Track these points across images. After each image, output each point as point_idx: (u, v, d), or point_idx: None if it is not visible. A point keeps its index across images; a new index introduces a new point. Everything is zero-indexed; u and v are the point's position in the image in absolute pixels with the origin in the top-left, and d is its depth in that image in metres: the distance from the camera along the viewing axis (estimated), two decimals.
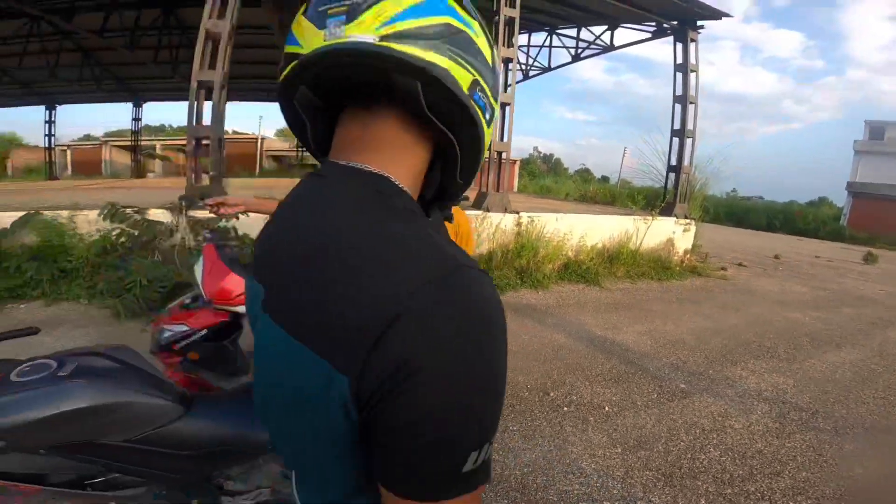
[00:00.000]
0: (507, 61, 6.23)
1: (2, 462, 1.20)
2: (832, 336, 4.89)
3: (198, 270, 2.14)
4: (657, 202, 8.51)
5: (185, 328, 2.06)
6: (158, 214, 4.94)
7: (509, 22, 6.11)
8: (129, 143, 20.03)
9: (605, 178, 28.07)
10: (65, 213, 4.86)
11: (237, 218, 5.16)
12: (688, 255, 8.12)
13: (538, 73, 13.16)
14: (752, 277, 8.04)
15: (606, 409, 2.89)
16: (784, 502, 2.11)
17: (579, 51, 11.24)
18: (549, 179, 23.16)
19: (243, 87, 14.96)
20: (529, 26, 11.02)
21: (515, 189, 20.14)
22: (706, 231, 9.19)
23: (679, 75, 8.07)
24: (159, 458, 1.25)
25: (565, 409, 2.84)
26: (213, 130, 5.10)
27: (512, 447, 2.38)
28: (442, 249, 0.45)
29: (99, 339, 3.62)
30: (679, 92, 8.11)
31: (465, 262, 0.45)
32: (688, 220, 8.21)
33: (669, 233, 7.90)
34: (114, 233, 4.73)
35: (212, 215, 4.90)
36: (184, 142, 24.36)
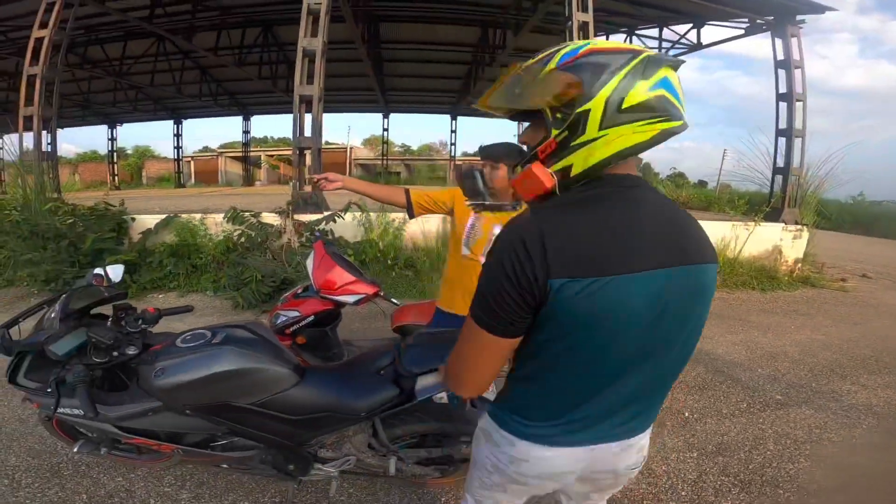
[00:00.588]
0: None
1: (151, 421, 1.45)
2: None
3: (309, 264, 2.50)
4: (761, 207, 7.78)
5: (296, 314, 2.42)
6: (269, 218, 5.63)
7: (583, 27, 6.05)
8: (240, 153, 22.54)
9: (702, 183, 25.97)
10: (197, 216, 5.72)
11: (335, 220, 5.65)
12: (798, 265, 7.33)
13: None
14: (878, 290, 7.06)
15: (686, 414, 2.82)
16: None
17: (663, 51, 10.67)
18: None
19: (329, 98, 16.21)
20: (607, 28, 10.70)
21: None
22: (824, 239, 8.23)
23: (781, 72, 7.43)
24: (274, 422, 1.46)
25: None
26: (313, 141, 5.70)
27: None
28: None
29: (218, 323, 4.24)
30: (783, 89, 7.45)
31: None
32: (798, 227, 7.41)
33: (776, 240, 7.20)
34: (235, 234, 5.49)
35: (313, 218, 5.50)
36: (284, 151, 26.70)
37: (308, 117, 5.75)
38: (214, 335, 1.47)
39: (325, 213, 5.43)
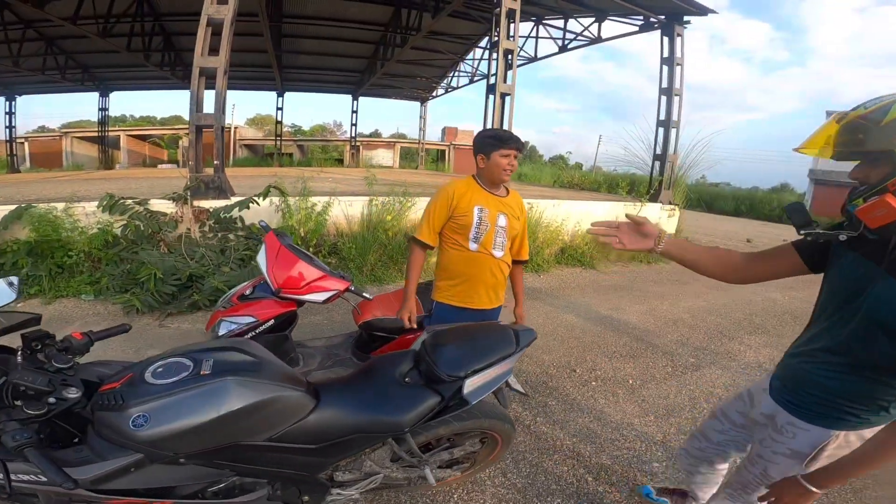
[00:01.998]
0: (507, 53, 6.30)
1: (132, 479, 1.11)
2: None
3: (261, 260, 2.17)
4: (639, 189, 8.79)
5: (251, 319, 2.08)
6: (159, 205, 4.83)
7: (510, 14, 6.16)
8: (94, 133, 19.04)
9: (578, 166, 28.57)
10: (59, 205, 4.68)
11: (248, 207, 5.07)
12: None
13: (524, 63, 13.24)
14: None
15: (630, 382, 3.09)
16: None
17: (566, 42, 11.35)
18: (526, 167, 23.40)
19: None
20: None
21: None
22: (684, 216, 9.58)
23: (665, 68, 8.30)
24: (292, 454, 1.23)
25: (593, 383, 3.03)
26: (216, 118, 5.00)
27: (557, 420, 2.54)
28: None
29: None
30: (665, 84, 8.35)
31: None
32: (672, 206, 8.55)
33: (656, 218, 8.20)
34: (116, 225, 4.61)
35: (218, 204, 4.85)
36: (148, 132, 23.12)
37: (209, 93, 5.03)
38: (198, 364, 1.16)
39: (236, 199, 4.83)
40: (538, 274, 6.03)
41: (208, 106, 5.04)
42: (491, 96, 6.23)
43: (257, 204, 4.80)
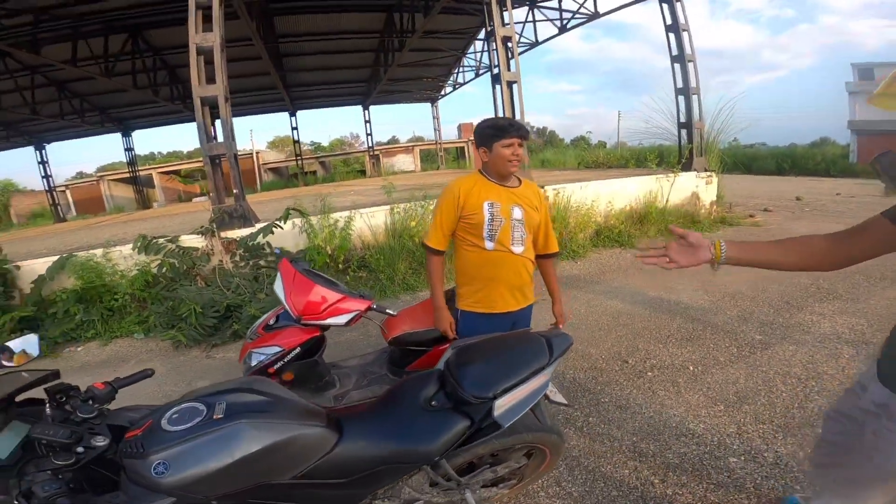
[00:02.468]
0: (506, 40, 6.11)
1: None
2: (883, 272, 4.43)
3: (279, 289, 2.13)
4: (669, 159, 8.39)
5: (277, 349, 2.05)
6: (190, 241, 4.92)
7: (501, 0, 5.97)
8: (126, 174, 19.93)
9: (602, 144, 27.74)
10: (98, 251, 4.86)
11: (272, 232, 5.09)
12: (714, 207, 8.03)
13: (526, 49, 12.93)
14: (783, 221, 7.90)
15: (691, 368, 2.84)
16: None
17: (564, 22, 11.01)
18: (548, 152, 22.92)
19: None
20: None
21: None
22: (723, 181, 9.05)
23: (671, 35, 7.95)
24: (323, 489, 1.21)
25: (649, 374, 2.81)
26: (227, 146, 5.03)
27: (612, 418, 2.36)
28: None
29: (168, 371, 3.63)
30: (675, 52, 7.98)
31: None
32: (708, 173, 8.09)
33: (693, 187, 7.80)
34: (153, 265, 4.73)
35: (244, 233, 4.89)
36: (176, 167, 23.93)
37: (219, 122, 5.07)
38: (211, 408, 1.14)
39: (260, 225, 4.85)
40: (574, 260, 5.78)
41: (220, 135, 5.09)
42: (497, 86, 6.07)
43: (280, 228, 4.80)
